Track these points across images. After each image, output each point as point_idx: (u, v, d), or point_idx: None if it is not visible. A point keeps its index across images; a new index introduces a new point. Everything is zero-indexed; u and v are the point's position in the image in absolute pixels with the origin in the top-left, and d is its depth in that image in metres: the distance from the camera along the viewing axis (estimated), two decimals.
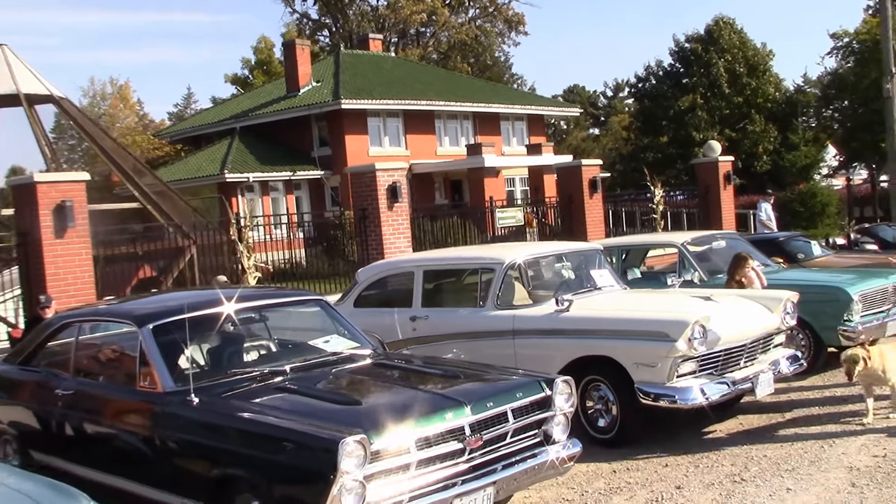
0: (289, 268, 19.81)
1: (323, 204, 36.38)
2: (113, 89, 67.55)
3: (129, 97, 67.68)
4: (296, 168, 35.98)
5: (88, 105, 67.83)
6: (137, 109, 68.29)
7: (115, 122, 61.26)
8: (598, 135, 68.90)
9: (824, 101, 46.42)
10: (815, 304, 9.82)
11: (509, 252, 8.89)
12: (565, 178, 20.75)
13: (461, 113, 40.62)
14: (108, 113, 65.09)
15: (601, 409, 7.88)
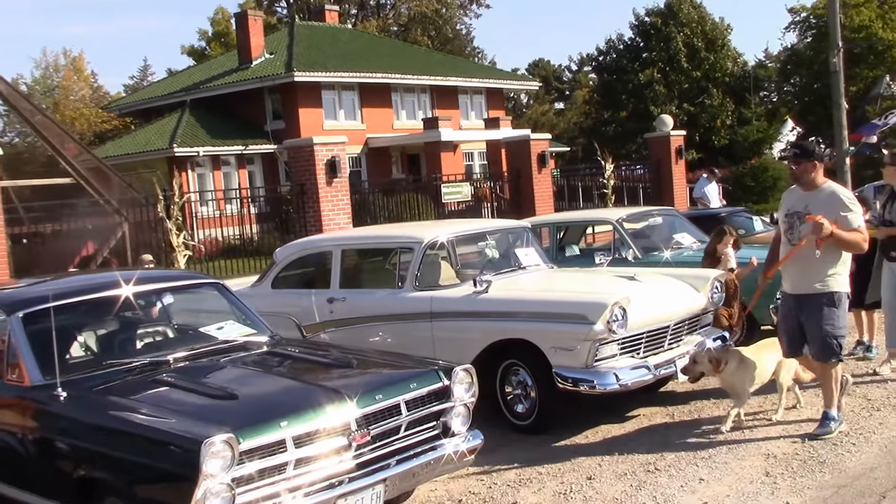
0: (240, 244, 19.36)
1: (277, 178, 35.71)
2: (66, 61, 66.16)
3: (83, 69, 66.22)
4: (248, 142, 35.31)
5: (41, 77, 66.51)
6: (91, 82, 66.98)
7: (68, 95, 60.00)
8: (563, 109, 68.64)
9: (783, 75, 46.45)
10: (747, 282, 9.55)
11: (429, 230, 8.52)
12: (514, 153, 20.39)
13: (418, 86, 40.08)
14: (61, 85, 63.64)
15: (520, 395, 7.58)
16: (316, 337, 8.70)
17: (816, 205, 6.57)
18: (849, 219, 6.51)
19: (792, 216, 6.75)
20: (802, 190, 6.76)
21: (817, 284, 6.60)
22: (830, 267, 6.59)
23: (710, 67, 46.40)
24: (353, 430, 5.01)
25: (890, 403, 7.33)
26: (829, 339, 6.59)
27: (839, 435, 6.63)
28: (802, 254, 6.56)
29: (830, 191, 6.66)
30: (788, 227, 6.78)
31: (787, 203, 6.88)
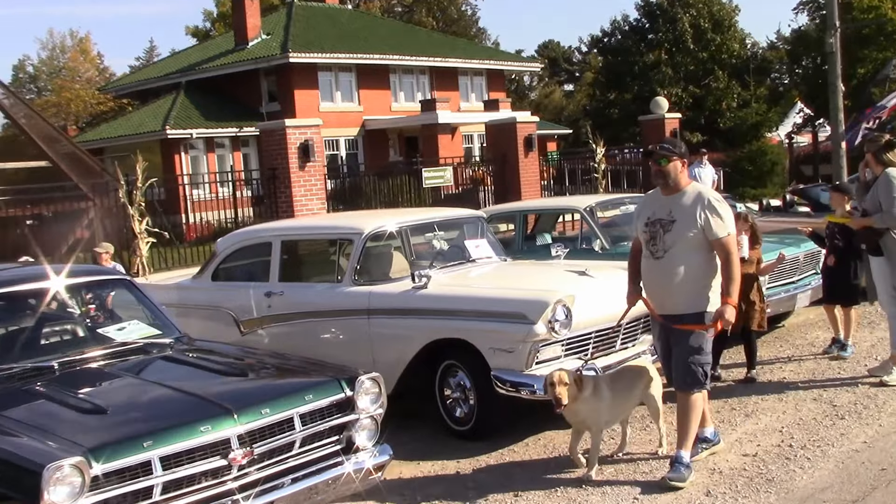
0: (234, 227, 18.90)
1: None
2: (73, 42, 65.73)
3: (90, 50, 65.87)
4: (243, 124, 34.76)
5: (48, 58, 66.16)
6: (98, 63, 66.55)
7: (74, 76, 59.57)
8: (573, 90, 67.83)
9: (792, 58, 45.56)
10: None
11: (371, 220, 7.99)
12: (499, 136, 19.84)
13: (417, 67, 39.51)
14: (67, 66, 63.31)
15: (459, 398, 7.07)
16: (253, 333, 8.26)
17: (681, 210, 5.61)
18: (714, 226, 5.51)
19: (654, 224, 5.68)
20: (664, 193, 5.73)
21: (685, 303, 5.62)
22: (701, 283, 5.62)
23: (716, 49, 45.52)
24: (235, 449, 4.51)
25: (855, 411, 6.79)
26: (695, 366, 5.61)
27: (791, 448, 6.11)
28: (667, 267, 5.63)
29: (696, 193, 5.66)
30: (650, 237, 5.70)
31: (648, 209, 5.82)
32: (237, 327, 8.37)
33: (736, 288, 5.53)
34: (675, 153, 5.69)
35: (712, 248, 5.58)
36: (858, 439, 6.17)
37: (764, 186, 25.51)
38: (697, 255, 5.60)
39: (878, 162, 7.34)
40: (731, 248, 5.57)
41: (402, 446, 6.84)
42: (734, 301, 5.51)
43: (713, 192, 5.80)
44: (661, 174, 5.69)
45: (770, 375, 8.05)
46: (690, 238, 5.57)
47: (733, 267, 5.52)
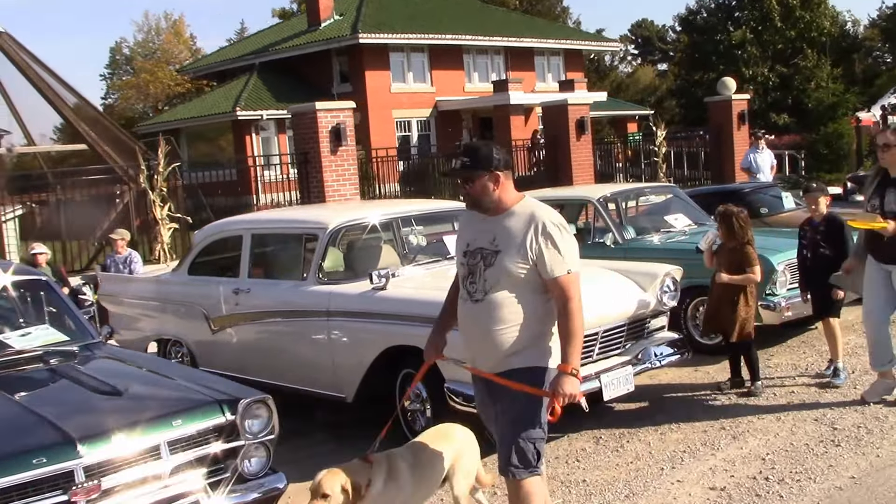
0: None
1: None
2: (167, 24, 67.00)
3: (183, 31, 67.05)
4: None
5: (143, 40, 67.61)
6: (191, 45, 67.69)
7: (168, 58, 60.69)
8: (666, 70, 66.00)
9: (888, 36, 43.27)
10: None
11: (338, 214, 7.45)
12: (550, 118, 19.03)
13: (491, 48, 38.74)
14: (161, 48, 64.58)
15: (418, 410, 6.50)
16: (223, 331, 7.84)
17: (507, 237, 4.07)
18: (548, 260, 4.00)
19: (474, 255, 4.14)
20: (484, 215, 4.19)
21: (515, 357, 4.12)
22: (536, 329, 4.12)
23: (805, 27, 43.48)
24: (79, 483, 4.03)
25: (856, 436, 5.97)
26: (525, 443, 4.11)
27: (767, 482, 5.35)
28: (487, 314, 4.09)
29: (528, 213, 4.10)
30: (468, 272, 4.16)
31: (467, 234, 4.28)
32: (208, 325, 7.97)
33: (577, 348, 4.00)
34: (480, 168, 4.08)
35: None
36: (847, 473, 5.38)
37: (840, 171, 24.03)
38: (531, 298, 4.09)
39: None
40: (570, 291, 4.02)
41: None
42: (575, 367, 3.97)
43: (552, 214, 4.14)
44: (469, 197, 4.18)
45: (778, 388, 7.24)
46: (519, 275, 4.04)
47: (573, 318, 4.00)
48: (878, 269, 6.57)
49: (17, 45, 17.38)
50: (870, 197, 6.55)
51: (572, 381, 3.97)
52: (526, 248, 4.03)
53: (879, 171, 6.58)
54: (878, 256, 6.54)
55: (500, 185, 4.11)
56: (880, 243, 6.41)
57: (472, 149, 4.21)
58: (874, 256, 6.58)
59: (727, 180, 19.91)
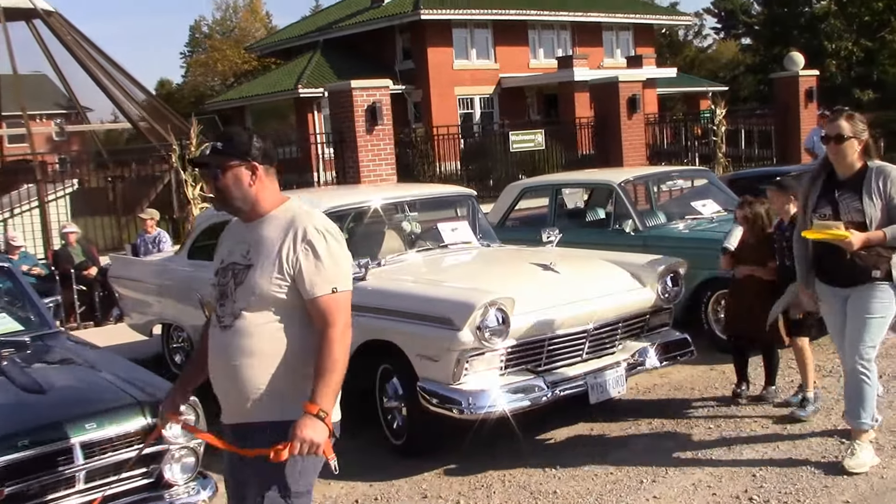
0: None
1: (406, 120, 34.74)
2: (244, 2, 67.63)
3: (259, 10, 67.62)
4: None
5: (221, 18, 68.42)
6: (267, 22, 68.22)
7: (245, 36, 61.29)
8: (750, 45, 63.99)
9: None
10: None
11: (327, 199, 7.11)
12: (601, 97, 18.38)
13: (557, 23, 37.93)
14: (238, 26, 65.23)
15: (395, 408, 6.16)
16: None
17: (261, 247, 3.23)
18: (307, 275, 3.16)
19: (226, 272, 3.31)
20: (244, 219, 3.37)
21: (263, 406, 3.22)
22: (296, 372, 3.22)
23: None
24: None
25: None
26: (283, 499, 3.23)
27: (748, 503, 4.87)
28: (235, 345, 3.20)
29: (289, 217, 3.26)
30: (220, 294, 3.31)
31: (221, 250, 3.46)
32: (203, 310, 7.75)
33: (331, 387, 3.09)
34: (234, 155, 3.27)
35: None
36: (842, 496, 4.84)
37: None
38: (293, 327, 3.22)
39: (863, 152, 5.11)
40: (334, 315, 3.16)
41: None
42: (324, 408, 3.06)
43: (318, 219, 3.30)
44: (218, 193, 3.33)
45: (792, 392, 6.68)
46: (275, 294, 3.20)
47: (332, 349, 3.12)
48: (832, 297, 5.25)
49: (67, 24, 17.48)
50: (816, 204, 5.17)
51: (316, 426, 3.03)
52: (282, 260, 3.17)
53: (823, 169, 5.25)
54: (832, 278, 5.18)
55: (258, 181, 3.28)
56: (837, 262, 5.05)
57: (227, 133, 3.40)
58: (826, 280, 5.23)
59: (791, 161, 19.03)
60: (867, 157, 5.10)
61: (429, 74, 34.29)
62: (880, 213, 4.98)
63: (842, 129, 5.06)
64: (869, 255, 4.97)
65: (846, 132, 5.05)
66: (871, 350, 5.07)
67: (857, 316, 5.09)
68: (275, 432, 3.14)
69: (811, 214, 5.18)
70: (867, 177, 5.04)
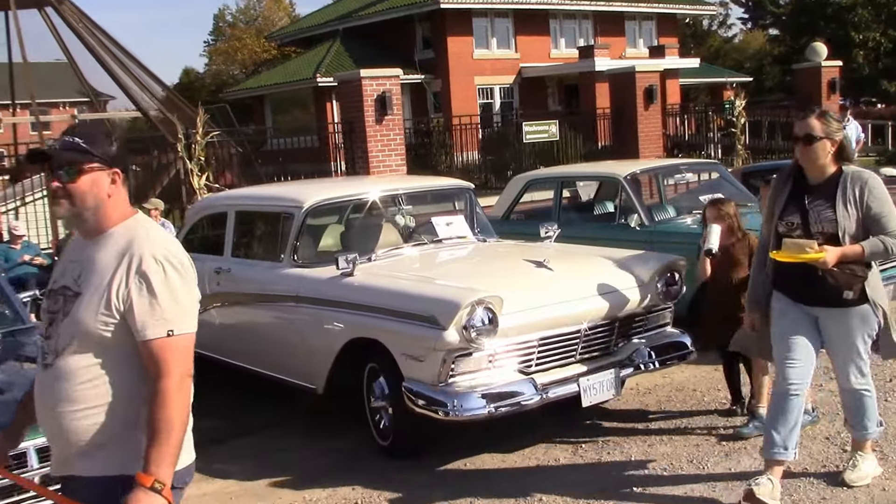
0: None
1: (425, 109, 34.52)
2: None
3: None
4: None
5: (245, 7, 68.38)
6: (290, 10, 68.10)
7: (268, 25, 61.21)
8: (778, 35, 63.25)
9: None
10: None
11: (317, 192, 6.93)
12: (617, 87, 18.08)
13: (579, 12, 37.48)
14: (262, 15, 65.15)
15: (382, 408, 5.96)
16: (207, 312, 7.44)
17: (91, 270, 2.72)
18: (139, 312, 2.65)
19: (56, 297, 2.79)
20: (84, 236, 2.83)
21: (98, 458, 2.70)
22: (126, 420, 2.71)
23: None
24: None
25: None
26: None
27: None
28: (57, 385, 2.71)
29: (128, 239, 2.73)
30: (48, 321, 2.78)
31: (57, 268, 2.92)
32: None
33: (169, 449, 2.58)
34: (96, 155, 2.73)
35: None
36: None
37: None
38: (116, 370, 2.70)
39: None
40: (169, 364, 2.64)
41: (307, 461, 5.94)
42: (161, 478, 2.54)
43: (161, 245, 2.73)
44: (67, 199, 2.73)
45: None
46: (101, 332, 2.67)
47: (167, 404, 2.60)
48: (800, 314, 4.70)
49: (79, 13, 17.38)
50: (783, 211, 4.66)
51: (152, 502, 2.52)
52: (111, 293, 2.65)
53: (791, 173, 4.72)
54: (804, 296, 4.66)
55: (116, 191, 2.77)
56: (804, 279, 4.55)
57: (88, 129, 2.84)
58: (796, 297, 4.69)
59: None
60: (842, 160, 4.60)
61: (448, 64, 34.01)
62: (855, 224, 4.49)
63: (812, 129, 4.52)
64: (842, 273, 4.48)
65: (817, 132, 4.50)
66: (864, 366, 4.75)
67: (840, 344, 4.69)
68: (101, 490, 2.66)
69: (777, 223, 4.66)
70: (841, 183, 4.52)
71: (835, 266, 4.43)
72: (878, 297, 4.64)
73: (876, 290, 4.63)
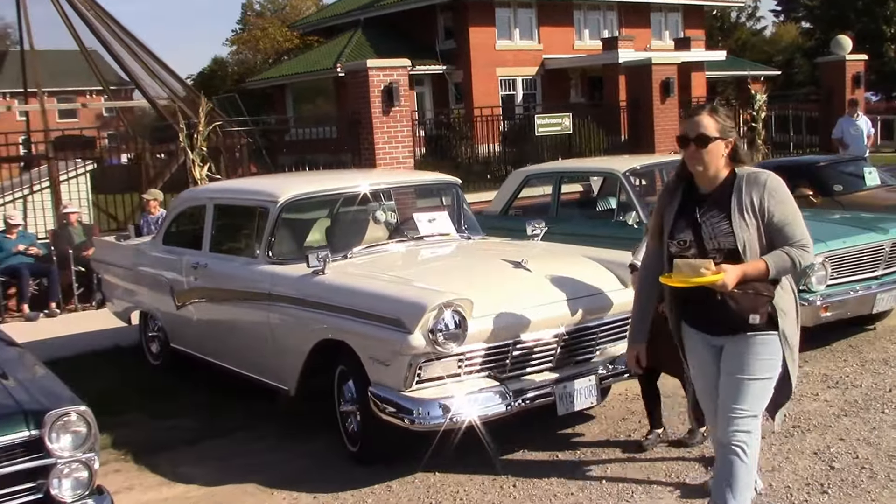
0: None
1: (446, 100, 34.20)
2: None
3: None
4: (416, 62, 33.69)
5: None
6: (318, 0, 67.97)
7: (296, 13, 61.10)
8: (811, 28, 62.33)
9: None
10: None
11: (294, 186, 6.69)
12: (633, 80, 17.71)
13: (604, 3, 36.98)
14: (290, 3, 65.05)
15: (351, 411, 5.72)
16: (185, 308, 7.27)
17: None
18: None
19: None
20: None
21: None
22: None
23: None
24: None
25: (851, 480, 4.84)
26: None
27: None
28: None
29: None
30: None
31: None
32: (173, 299, 7.41)
33: None
34: None
35: None
36: None
37: None
38: None
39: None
40: None
41: (275, 465, 5.72)
42: None
43: None
44: None
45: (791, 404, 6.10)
46: None
47: None
48: (701, 345, 4.02)
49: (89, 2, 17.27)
50: (673, 227, 3.92)
51: None
52: None
53: (680, 183, 3.99)
54: (705, 325, 3.95)
55: None
56: (702, 303, 3.84)
57: None
58: (698, 326, 3.99)
59: (834, 149, 18.23)
60: (736, 162, 3.86)
61: (470, 54, 33.65)
62: (756, 235, 3.75)
63: (704, 128, 3.77)
64: (745, 294, 3.73)
65: (710, 131, 3.76)
66: (751, 421, 3.80)
67: (732, 377, 3.84)
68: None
69: (668, 242, 3.94)
70: (736, 188, 3.79)
71: (736, 287, 3.70)
72: (789, 328, 3.84)
73: (787, 317, 3.83)
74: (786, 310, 3.83)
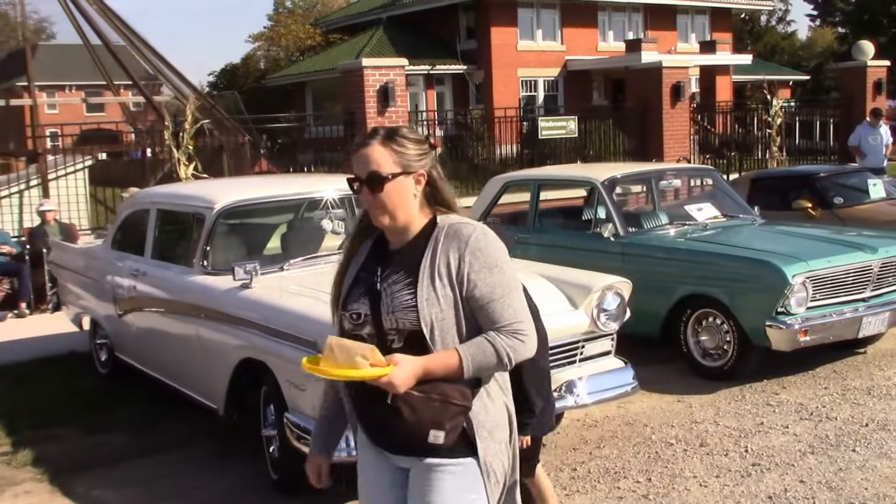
0: None
1: (466, 101, 33.79)
2: None
3: None
4: (437, 62, 33.44)
5: None
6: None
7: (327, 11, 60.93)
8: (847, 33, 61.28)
9: None
10: (739, 285, 6.67)
11: (233, 192, 6.30)
12: (643, 83, 17.19)
13: (629, 4, 36.35)
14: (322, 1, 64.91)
15: (273, 436, 5.33)
16: (125, 317, 6.91)
17: None
18: None
19: None
20: None
21: None
22: None
23: None
24: None
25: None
26: None
27: None
28: None
29: None
30: None
31: None
32: (115, 307, 7.06)
33: None
34: None
35: None
36: None
37: None
38: None
39: None
40: None
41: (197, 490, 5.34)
42: None
43: None
44: None
45: (768, 434, 5.62)
46: None
47: None
48: (378, 464, 2.79)
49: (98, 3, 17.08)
50: (347, 297, 2.75)
51: None
52: None
53: (364, 237, 2.81)
54: (376, 437, 2.74)
55: None
56: (376, 410, 2.62)
57: None
58: (367, 433, 2.77)
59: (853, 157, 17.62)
60: (437, 205, 2.70)
61: (491, 55, 33.23)
62: (452, 313, 2.58)
63: (375, 163, 2.60)
64: (426, 400, 2.53)
65: (385, 167, 2.59)
66: None
67: None
68: None
69: (341, 314, 2.78)
70: (431, 245, 2.63)
71: (416, 389, 2.51)
72: (492, 454, 2.62)
73: (491, 439, 2.61)
74: (489, 427, 2.60)
